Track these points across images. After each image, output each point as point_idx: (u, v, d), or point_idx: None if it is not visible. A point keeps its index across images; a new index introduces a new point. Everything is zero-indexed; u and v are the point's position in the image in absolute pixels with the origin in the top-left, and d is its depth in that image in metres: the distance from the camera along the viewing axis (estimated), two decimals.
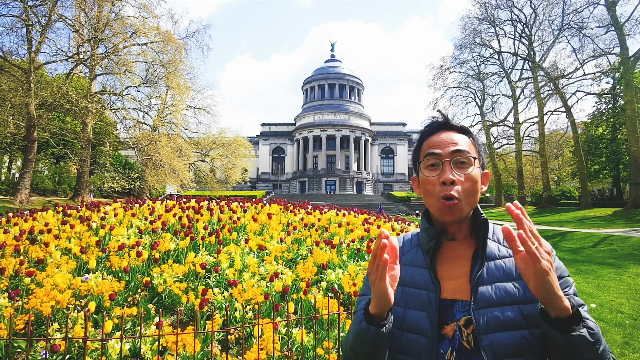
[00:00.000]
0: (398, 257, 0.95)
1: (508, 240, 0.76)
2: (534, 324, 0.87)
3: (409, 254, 1.07)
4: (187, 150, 26.03)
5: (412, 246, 1.08)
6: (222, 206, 7.76)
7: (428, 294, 0.96)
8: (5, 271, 3.41)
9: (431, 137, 1.02)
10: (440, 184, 0.94)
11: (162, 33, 22.39)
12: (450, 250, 1.01)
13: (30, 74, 17.64)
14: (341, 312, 2.90)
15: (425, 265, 1.00)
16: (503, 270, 0.93)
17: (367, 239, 6.07)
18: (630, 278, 7.27)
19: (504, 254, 0.96)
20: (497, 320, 0.88)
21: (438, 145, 0.99)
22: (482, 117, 35.16)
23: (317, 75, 63.82)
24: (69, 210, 6.52)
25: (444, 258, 1.00)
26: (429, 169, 0.99)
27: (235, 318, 3.35)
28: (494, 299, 0.90)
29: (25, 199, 18.02)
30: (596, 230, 15.72)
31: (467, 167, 0.96)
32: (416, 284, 0.99)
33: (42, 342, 2.64)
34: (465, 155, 0.96)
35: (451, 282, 0.96)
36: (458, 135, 1.01)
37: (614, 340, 4.04)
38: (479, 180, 0.98)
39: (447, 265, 0.99)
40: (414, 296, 0.98)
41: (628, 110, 22.02)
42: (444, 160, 0.96)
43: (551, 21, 29.04)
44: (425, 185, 0.99)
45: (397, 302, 1.01)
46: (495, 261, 0.94)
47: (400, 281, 1.01)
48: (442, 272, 0.98)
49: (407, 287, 1.00)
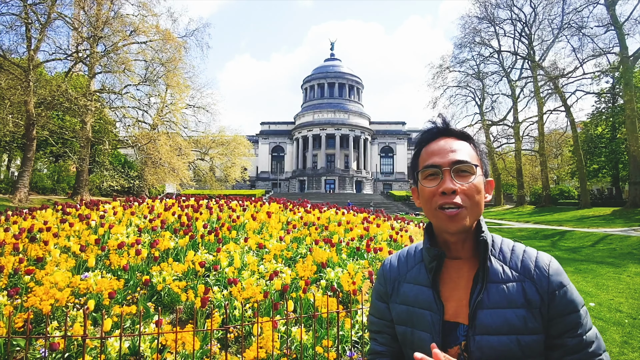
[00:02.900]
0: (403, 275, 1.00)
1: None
2: (530, 354, 0.85)
3: (413, 271, 1.03)
4: (187, 149, 25.95)
5: (416, 262, 1.04)
6: (222, 205, 7.75)
7: (431, 315, 0.93)
8: (5, 269, 3.40)
9: (430, 144, 0.97)
10: (440, 194, 0.90)
11: (161, 31, 22.33)
12: (454, 270, 0.96)
13: (29, 72, 17.60)
14: (340, 310, 2.90)
15: (428, 284, 0.97)
16: (505, 296, 0.88)
17: (366, 237, 6.07)
18: (629, 277, 7.28)
19: (508, 277, 0.90)
20: (492, 348, 0.85)
21: (437, 154, 0.94)
22: (482, 116, 35.22)
23: (316, 74, 63.74)
24: (68, 209, 6.52)
25: (447, 278, 0.96)
26: (428, 179, 0.94)
27: (235, 316, 3.35)
28: (492, 326, 0.86)
29: (25, 198, 17.98)
30: (595, 230, 15.75)
31: (468, 176, 0.91)
32: (420, 304, 0.96)
33: (41, 341, 2.64)
34: (466, 165, 0.91)
35: (453, 303, 0.93)
36: (458, 142, 0.95)
37: (612, 339, 4.05)
38: (482, 190, 0.93)
39: (450, 286, 0.95)
40: (419, 316, 0.96)
41: (627, 110, 22.04)
42: (444, 169, 0.91)
43: (551, 20, 29.12)
44: (425, 196, 0.94)
45: (403, 322, 0.99)
46: (499, 285, 0.89)
47: (405, 300, 0.99)
48: (446, 292, 0.95)
49: (411, 307, 0.98)
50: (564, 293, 0.87)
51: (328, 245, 5.13)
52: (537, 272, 0.89)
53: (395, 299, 1.02)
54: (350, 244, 5.56)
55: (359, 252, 5.16)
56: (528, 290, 0.87)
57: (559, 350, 0.86)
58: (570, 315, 0.86)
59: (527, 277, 0.89)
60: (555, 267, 0.90)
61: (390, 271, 1.07)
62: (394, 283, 1.04)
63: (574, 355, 0.85)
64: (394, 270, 1.06)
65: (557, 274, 0.89)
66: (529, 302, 0.87)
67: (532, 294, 0.87)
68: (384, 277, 1.08)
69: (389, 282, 1.06)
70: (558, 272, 0.89)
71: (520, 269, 0.91)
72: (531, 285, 0.88)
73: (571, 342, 0.86)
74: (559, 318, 0.86)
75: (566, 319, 0.86)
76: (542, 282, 0.88)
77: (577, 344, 0.85)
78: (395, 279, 1.05)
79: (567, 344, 0.86)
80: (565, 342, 0.86)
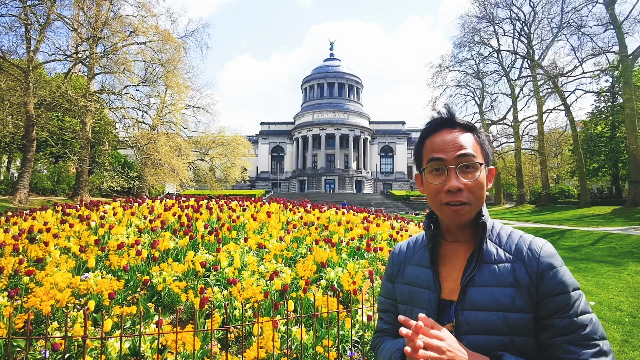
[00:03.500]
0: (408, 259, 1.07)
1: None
2: (516, 332, 0.87)
3: (417, 254, 1.09)
4: (186, 150, 25.94)
5: (421, 246, 1.10)
6: (222, 205, 7.75)
7: (429, 294, 0.99)
8: (5, 270, 3.40)
9: (434, 135, 0.99)
10: (446, 191, 0.93)
11: (160, 32, 22.33)
12: (452, 252, 1.02)
13: (29, 73, 17.60)
14: (341, 310, 2.90)
15: (428, 265, 1.03)
16: (495, 275, 0.91)
17: (366, 237, 6.07)
18: (629, 276, 7.28)
19: (501, 257, 0.94)
20: (479, 324, 0.89)
21: (442, 149, 0.95)
22: (482, 115, 35.20)
23: (316, 74, 63.70)
24: (68, 210, 6.52)
25: (447, 259, 1.02)
26: (433, 175, 0.97)
27: (235, 316, 3.35)
28: (480, 302, 0.90)
29: (24, 199, 17.98)
30: (595, 229, 15.75)
31: (473, 172, 0.94)
32: (420, 283, 1.02)
33: (42, 341, 2.64)
34: (471, 161, 0.94)
35: (450, 283, 0.98)
36: (463, 135, 0.97)
37: (613, 338, 4.05)
38: (485, 184, 0.96)
39: (448, 266, 1.01)
40: (418, 295, 1.01)
41: (627, 109, 22.03)
42: (449, 166, 0.94)
43: (550, 19, 29.09)
44: (431, 192, 0.97)
45: (405, 300, 1.05)
46: (490, 265, 0.93)
47: (408, 280, 1.06)
48: (444, 273, 1.00)
49: (413, 287, 1.04)
50: (553, 274, 0.89)
51: (328, 245, 5.13)
52: (528, 253, 0.92)
53: (400, 279, 1.10)
54: (351, 244, 5.56)
55: (359, 251, 5.16)
56: (518, 271, 0.90)
57: (548, 331, 0.87)
58: (559, 296, 0.87)
59: (519, 258, 0.92)
60: (547, 250, 0.92)
61: (398, 255, 1.16)
62: (400, 265, 1.12)
63: (565, 337, 0.86)
64: (402, 254, 1.15)
65: (548, 256, 0.91)
66: (518, 282, 0.89)
67: (521, 274, 0.90)
68: (393, 260, 1.16)
69: (396, 264, 1.14)
70: (550, 254, 0.92)
71: (514, 252, 0.94)
72: (521, 266, 0.91)
73: (561, 323, 0.86)
74: (547, 299, 0.87)
75: (555, 299, 0.87)
76: (532, 263, 0.90)
77: (567, 325, 0.86)
78: (402, 261, 1.12)
79: (556, 324, 0.86)
80: (555, 323, 0.86)
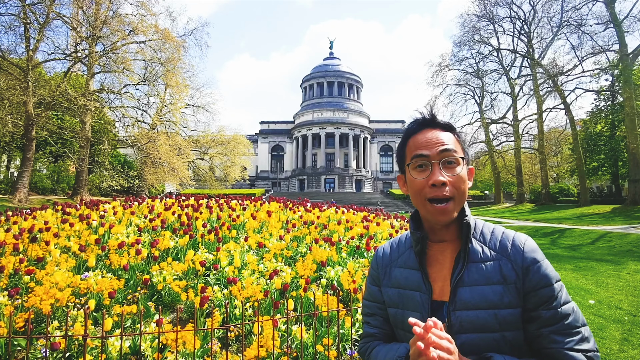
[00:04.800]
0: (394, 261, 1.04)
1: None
2: (507, 327, 0.89)
3: (403, 256, 1.09)
4: (186, 149, 25.93)
5: (406, 247, 1.10)
6: (222, 204, 7.75)
7: (420, 296, 0.99)
8: (5, 269, 3.40)
9: (417, 135, 1.02)
10: (430, 186, 0.95)
11: (160, 31, 22.30)
12: (439, 252, 1.02)
13: (28, 72, 17.58)
14: (341, 309, 2.91)
15: (416, 267, 1.03)
16: (483, 274, 0.94)
17: (366, 236, 6.07)
18: (629, 275, 7.29)
19: (487, 256, 0.96)
20: (470, 322, 0.91)
21: (425, 145, 0.98)
22: (481, 114, 35.18)
23: (315, 73, 63.62)
24: (68, 209, 6.52)
25: (434, 260, 1.02)
26: (417, 171, 0.99)
27: (235, 315, 3.36)
28: (471, 302, 0.92)
29: (24, 198, 17.98)
30: (595, 227, 15.76)
31: (455, 167, 0.97)
32: (410, 285, 1.02)
33: (42, 340, 2.65)
34: (453, 156, 0.97)
35: (440, 283, 0.99)
36: (443, 133, 1.00)
37: (612, 337, 4.06)
38: (467, 180, 0.99)
39: (436, 267, 1.01)
40: (409, 297, 1.01)
41: (627, 107, 22.01)
42: (433, 162, 0.96)
43: (550, 18, 29.02)
44: (415, 188, 0.99)
45: (394, 304, 1.05)
46: (478, 264, 0.95)
47: (397, 284, 1.06)
48: (433, 273, 1.01)
49: (402, 290, 1.04)
50: (537, 268, 0.92)
51: (328, 244, 5.13)
52: (513, 250, 0.95)
53: (387, 282, 1.09)
54: (350, 243, 5.57)
55: (359, 250, 5.16)
56: (504, 267, 0.93)
57: (535, 323, 0.91)
58: (544, 289, 0.91)
59: (504, 255, 0.95)
60: (530, 245, 0.96)
61: (382, 258, 1.14)
62: (386, 268, 1.11)
63: (551, 327, 0.89)
64: (386, 257, 1.14)
65: (531, 251, 0.94)
66: (505, 278, 0.92)
67: (507, 270, 0.93)
68: (377, 263, 1.15)
69: (381, 267, 1.13)
70: (533, 249, 0.95)
71: (499, 249, 0.97)
72: (507, 262, 0.94)
73: (546, 314, 0.90)
74: (533, 292, 0.91)
75: (540, 292, 0.91)
76: (517, 258, 0.94)
77: (552, 316, 0.89)
78: (387, 264, 1.12)
79: (542, 316, 0.90)
80: (541, 315, 0.90)
